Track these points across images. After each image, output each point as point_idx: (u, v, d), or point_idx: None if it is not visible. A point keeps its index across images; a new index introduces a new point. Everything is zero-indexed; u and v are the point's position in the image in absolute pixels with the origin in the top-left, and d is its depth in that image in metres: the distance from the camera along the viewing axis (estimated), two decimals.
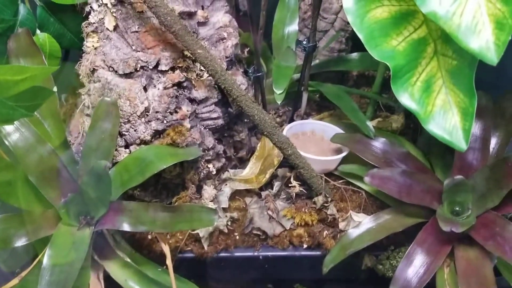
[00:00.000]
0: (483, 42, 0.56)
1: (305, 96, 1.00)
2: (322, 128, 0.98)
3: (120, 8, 0.80)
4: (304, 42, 0.92)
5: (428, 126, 0.66)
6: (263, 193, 0.91)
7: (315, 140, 0.98)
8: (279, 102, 0.92)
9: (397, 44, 0.67)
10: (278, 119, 1.08)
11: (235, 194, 0.91)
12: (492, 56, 0.56)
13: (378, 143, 0.88)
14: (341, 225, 0.86)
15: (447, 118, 0.65)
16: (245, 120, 0.94)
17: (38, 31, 0.86)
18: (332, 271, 0.79)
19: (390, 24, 0.67)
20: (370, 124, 0.90)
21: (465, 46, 0.57)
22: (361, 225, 0.81)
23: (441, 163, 0.88)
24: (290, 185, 0.90)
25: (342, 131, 0.95)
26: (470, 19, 0.57)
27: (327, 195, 0.87)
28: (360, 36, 0.66)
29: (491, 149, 0.85)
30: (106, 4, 0.80)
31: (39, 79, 0.57)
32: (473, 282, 0.71)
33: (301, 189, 0.89)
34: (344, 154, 0.91)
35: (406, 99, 0.66)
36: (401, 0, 0.67)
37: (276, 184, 0.91)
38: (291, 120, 1.04)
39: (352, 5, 0.66)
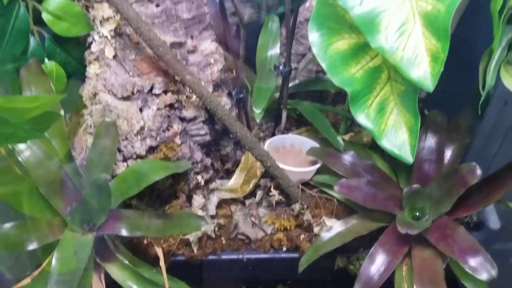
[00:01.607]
0: (422, 73, 0.63)
1: (284, 114, 1.06)
2: (300, 142, 1.03)
3: (119, 39, 0.86)
4: (281, 67, 0.98)
5: (381, 142, 0.73)
6: (247, 201, 0.96)
7: (294, 153, 1.03)
8: (258, 121, 0.98)
9: (355, 72, 0.74)
10: (261, 134, 1.13)
11: (222, 203, 0.96)
12: (429, 84, 0.63)
13: (347, 156, 0.94)
14: (316, 230, 0.91)
15: (398, 135, 0.73)
16: (231, 136, 0.99)
17: (46, 60, 0.90)
18: (310, 272, 0.84)
19: (350, 54, 0.74)
20: (341, 139, 0.96)
21: (406, 76, 0.64)
22: (332, 229, 0.87)
23: (405, 173, 0.94)
24: (270, 193, 0.95)
25: (317, 145, 1.00)
26: (411, 53, 0.64)
27: (303, 203, 0.93)
28: (323, 65, 0.74)
29: (446, 161, 0.91)
30: (106, 36, 0.86)
31: (49, 105, 0.61)
32: (425, 277, 0.77)
33: (280, 197, 0.95)
34: (318, 165, 0.96)
35: (362, 119, 0.74)
36: (359, 33, 0.75)
37: (259, 193, 0.96)
38: (273, 134, 1.09)
39: (317, 38, 0.74)
